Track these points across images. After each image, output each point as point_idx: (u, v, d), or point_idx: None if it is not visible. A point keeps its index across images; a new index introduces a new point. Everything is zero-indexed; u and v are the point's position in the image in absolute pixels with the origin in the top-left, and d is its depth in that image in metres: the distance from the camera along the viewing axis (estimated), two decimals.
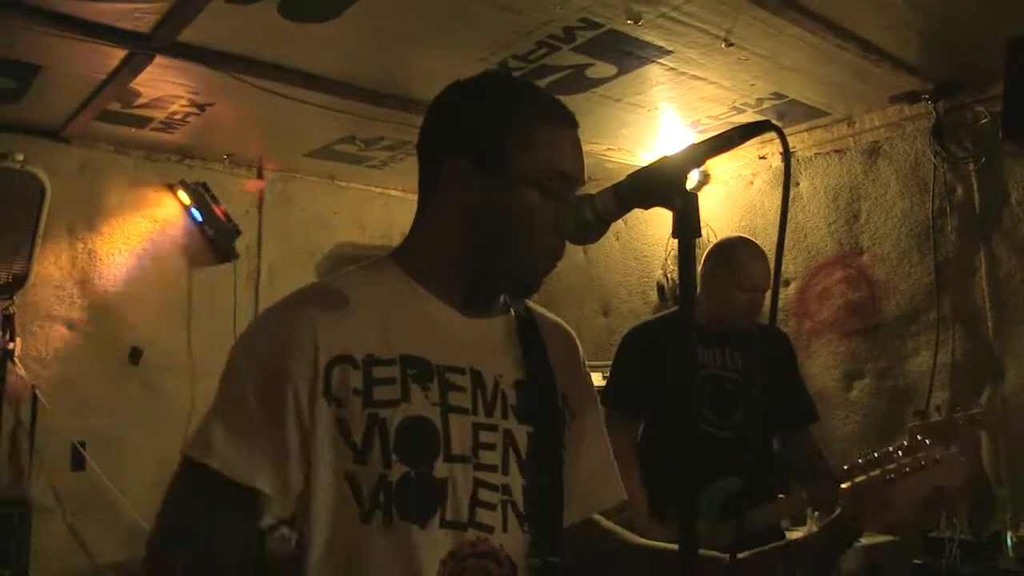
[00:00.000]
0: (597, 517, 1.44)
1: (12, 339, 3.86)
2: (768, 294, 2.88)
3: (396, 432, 1.17)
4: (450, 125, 1.31)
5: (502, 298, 1.38)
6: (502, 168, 1.24)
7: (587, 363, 1.48)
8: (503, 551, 1.21)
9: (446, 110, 1.32)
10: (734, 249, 2.82)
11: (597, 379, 3.30)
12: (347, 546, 1.17)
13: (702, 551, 1.10)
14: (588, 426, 1.42)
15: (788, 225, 4.15)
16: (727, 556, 1.29)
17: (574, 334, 1.49)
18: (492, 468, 1.23)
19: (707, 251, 2.87)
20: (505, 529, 1.22)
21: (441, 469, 1.19)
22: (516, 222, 1.24)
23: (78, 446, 4.05)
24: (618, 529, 1.45)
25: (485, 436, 1.23)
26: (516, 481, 1.24)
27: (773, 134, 1.11)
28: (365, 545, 1.16)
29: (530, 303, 1.43)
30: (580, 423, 1.40)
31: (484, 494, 1.21)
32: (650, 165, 1.13)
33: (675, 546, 1.05)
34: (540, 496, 1.26)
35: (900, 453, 1.71)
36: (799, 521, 3.44)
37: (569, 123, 1.31)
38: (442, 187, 1.28)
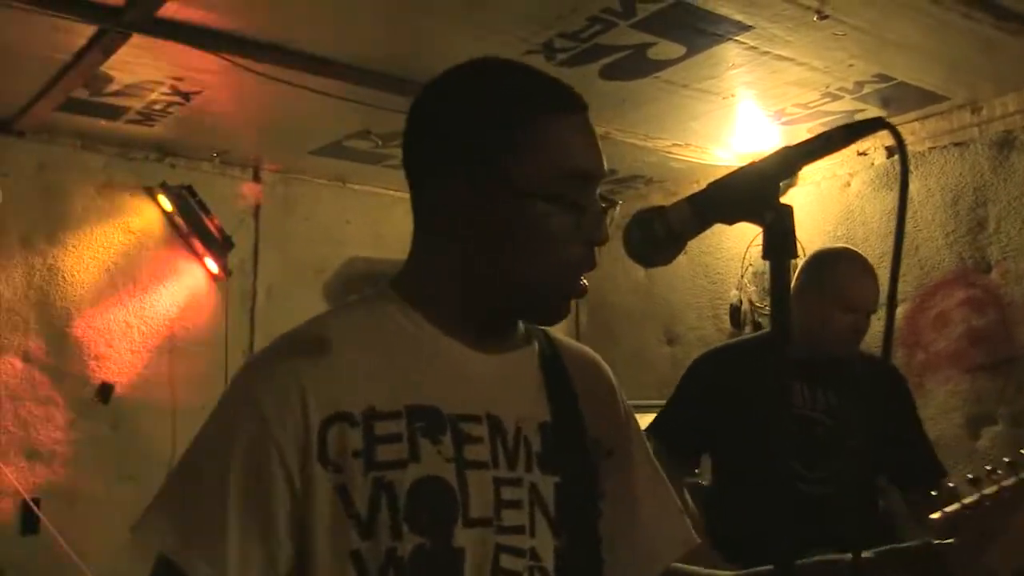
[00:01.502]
0: (680, 567, 1.46)
1: None
2: (874, 319, 2.86)
3: (407, 497, 1.17)
4: (432, 138, 1.32)
5: (521, 326, 1.39)
6: (500, 183, 1.23)
7: (647, 401, 1.50)
8: None
9: (425, 119, 1.34)
10: (837, 261, 2.82)
11: None
12: None
13: None
14: (636, 468, 1.44)
15: None
16: None
17: (606, 366, 1.50)
18: (518, 530, 1.23)
19: (801, 263, 2.85)
20: None
21: (460, 537, 1.18)
22: (529, 243, 1.24)
23: (31, 504, 4.07)
24: None
25: (508, 492, 1.23)
26: (546, 543, 1.24)
27: None
28: None
29: (550, 331, 1.44)
30: (624, 466, 1.41)
31: (507, 561, 1.21)
32: (734, 172, 1.13)
33: None
34: (573, 557, 1.26)
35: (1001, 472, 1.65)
36: None
37: (573, 106, 1.30)
38: (438, 209, 1.30)
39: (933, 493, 2.86)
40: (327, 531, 1.16)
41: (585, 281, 1.30)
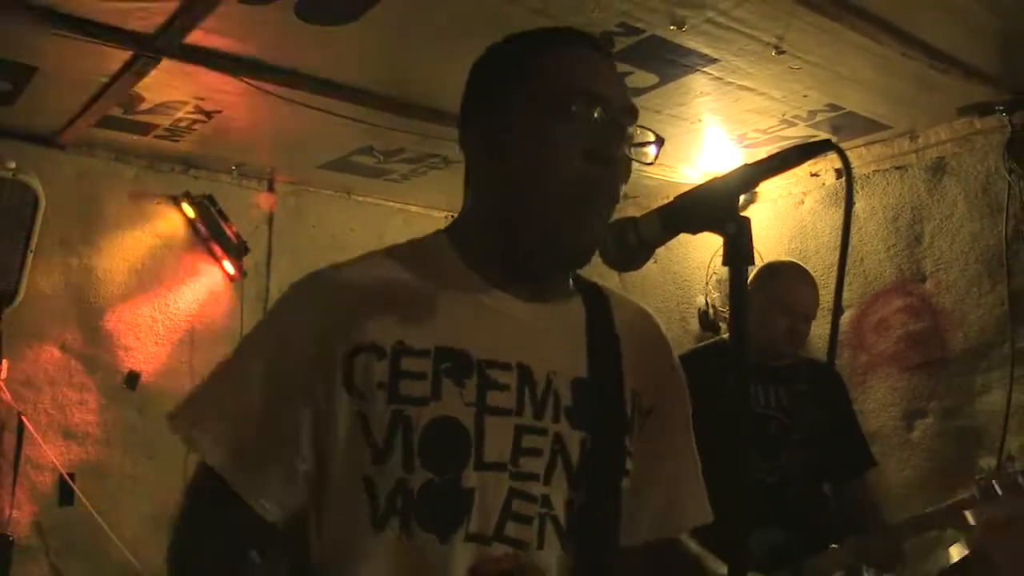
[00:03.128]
0: (684, 540, 1.38)
1: None
2: (815, 325, 2.88)
3: (422, 433, 1.14)
4: (466, 100, 1.32)
5: (570, 282, 1.33)
6: (508, 113, 1.22)
7: None
8: (533, 569, 1.14)
9: (465, 88, 1.33)
10: (779, 270, 2.84)
11: None
12: (351, 551, 1.15)
13: None
14: (672, 432, 1.38)
15: None
16: None
17: (659, 322, 1.43)
18: (533, 477, 1.18)
19: (752, 274, 2.87)
20: (541, 546, 1.17)
21: (470, 478, 1.15)
22: (528, 157, 1.20)
23: (67, 478, 4.08)
24: (705, 560, 1.37)
25: (529, 440, 1.18)
26: (560, 493, 1.19)
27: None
28: (373, 553, 1.13)
29: (604, 286, 1.38)
30: (660, 429, 1.35)
31: (518, 505, 1.16)
32: (699, 187, 1.13)
33: None
34: (589, 512, 1.20)
35: None
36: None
37: (587, 43, 1.27)
38: (470, 160, 1.29)
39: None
40: (343, 453, 1.15)
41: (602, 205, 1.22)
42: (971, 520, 2.55)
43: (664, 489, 1.35)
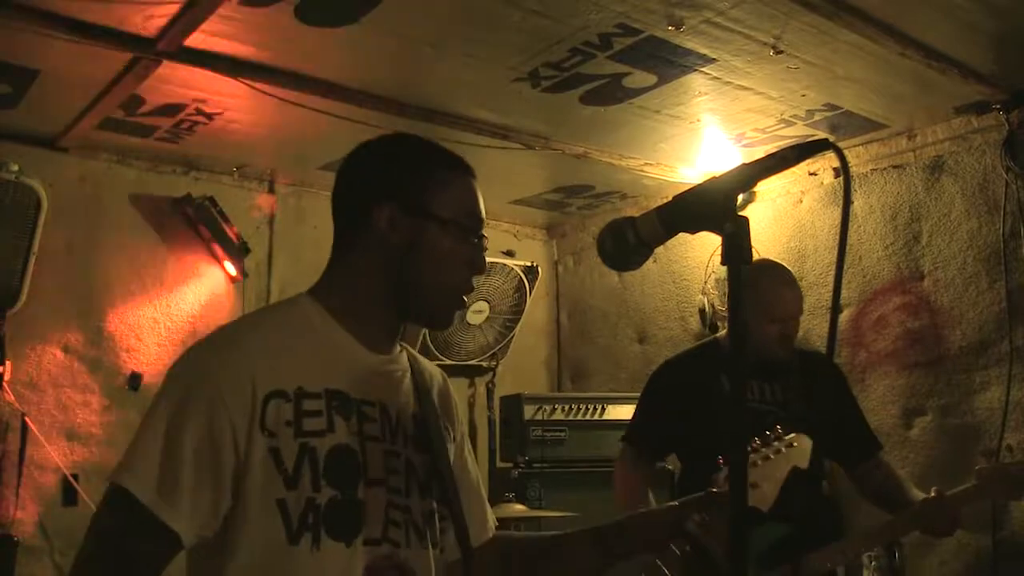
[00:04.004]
0: (505, 533, 1.80)
1: (2, 362, 3.88)
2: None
3: (325, 459, 1.39)
4: (376, 177, 1.56)
5: (398, 342, 1.64)
6: (425, 210, 1.50)
7: (620, 393, 1.66)
8: (407, 563, 1.46)
9: (368, 165, 1.59)
10: (760, 276, 2.82)
11: (631, 412, 3.33)
12: (272, 567, 1.35)
13: None
14: (462, 455, 1.74)
15: None
16: None
17: (447, 379, 1.77)
18: (400, 491, 1.48)
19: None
20: (408, 544, 1.47)
21: (361, 492, 1.42)
22: (445, 264, 1.51)
23: (71, 479, 4.08)
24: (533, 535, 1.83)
25: (392, 462, 1.49)
26: (416, 504, 1.51)
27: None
28: (293, 565, 1.34)
29: (409, 348, 1.69)
30: (460, 454, 1.72)
31: (393, 513, 1.46)
32: (697, 186, 1.14)
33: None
34: (442, 517, 1.56)
35: None
36: (854, 571, 3.40)
37: (473, 173, 1.59)
38: (372, 230, 1.51)
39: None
40: (259, 484, 1.34)
41: (466, 298, 1.57)
42: None
43: (477, 497, 1.75)
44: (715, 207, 1.11)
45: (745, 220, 1.09)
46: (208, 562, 1.36)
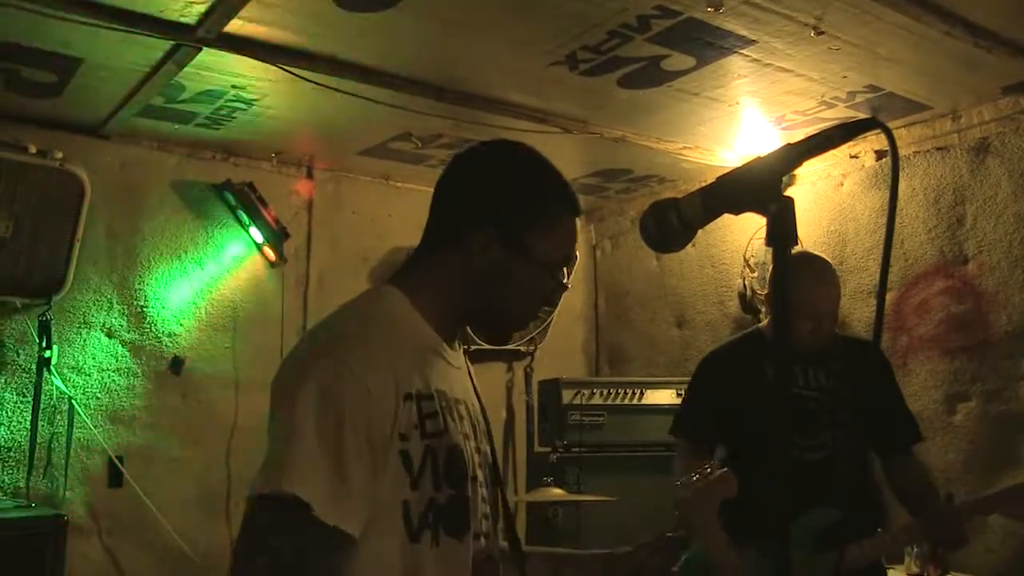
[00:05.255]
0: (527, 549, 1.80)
1: (49, 347, 3.96)
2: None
3: (444, 460, 1.40)
4: (480, 194, 1.53)
5: None
6: (524, 247, 1.49)
7: (658, 378, 1.69)
8: (493, 553, 1.54)
9: (475, 177, 1.56)
10: (794, 272, 2.80)
11: (670, 396, 3.30)
12: (394, 565, 1.35)
13: None
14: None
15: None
16: None
17: None
18: (485, 485, 1.54)
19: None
20: (490, 536, 1.54)
21: (468, 489, 1.45)
22: (525, 297, 1.54)
23: (116, 461, 4.15)
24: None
25: (479, 457, 1.53)
26: (490, 494, 1.57)
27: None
28: (415, 563, 1.36)
29: None
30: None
31: (481, 507, 1.51)
32: (741, 167, 1.13)
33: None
34: (497, 504, 1.63)
35: None
36: (896, 559, 3.37)
37: (579, 210, 1.59)
38: (463, 247, 1.49)
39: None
40: (388, 486, 1.34)
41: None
42: None
43: None
44: (760, 188, 1.10)
45: (790, 200, 1.07)
46: (325, 556, 1.29)
